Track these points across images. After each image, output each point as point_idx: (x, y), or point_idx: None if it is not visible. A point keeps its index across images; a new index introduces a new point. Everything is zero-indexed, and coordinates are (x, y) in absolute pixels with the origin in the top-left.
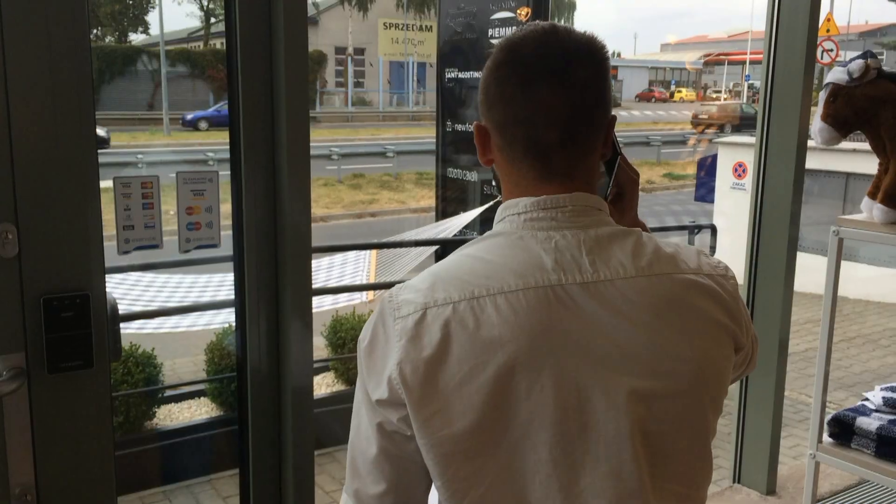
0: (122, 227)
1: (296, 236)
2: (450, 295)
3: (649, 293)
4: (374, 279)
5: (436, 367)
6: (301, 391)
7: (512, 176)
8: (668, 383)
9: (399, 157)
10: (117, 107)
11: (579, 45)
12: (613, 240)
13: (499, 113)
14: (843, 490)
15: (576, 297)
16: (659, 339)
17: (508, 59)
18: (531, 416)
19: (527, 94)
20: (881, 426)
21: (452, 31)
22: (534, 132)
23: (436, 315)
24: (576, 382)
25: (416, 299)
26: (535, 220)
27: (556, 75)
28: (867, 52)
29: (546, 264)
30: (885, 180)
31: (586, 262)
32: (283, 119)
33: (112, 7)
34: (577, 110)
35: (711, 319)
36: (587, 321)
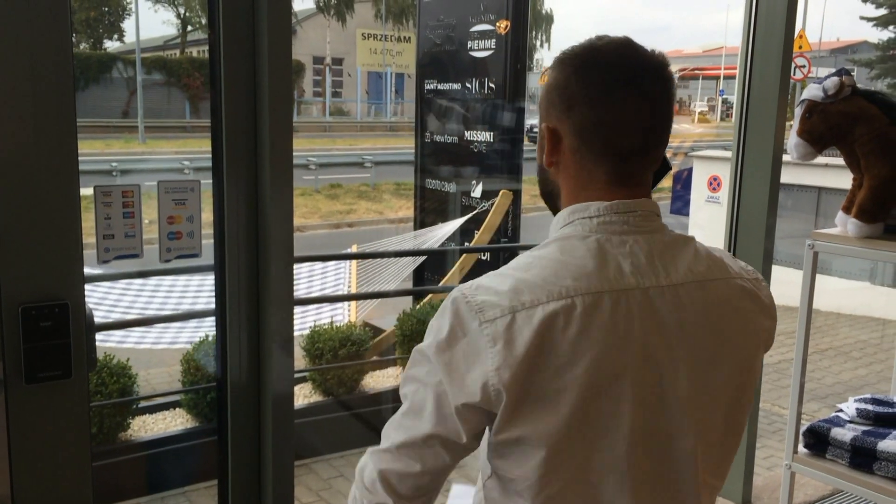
0: (102, 235)
1: (278, 245)
2: (537, 297)
3: (710, 297)
4: (356, 290)
5: (531, 369)
6: (281, 401)
7: (581, 179)
8: (726, 384)
9: (377, 168)
10: (92, 114)
11: (654, 60)
12: (675, 246)
13: (580, 115)
14: (818, 500)
15: (654, 300)
16: (719, 340)
17: (591, 63)
18: (613, 414)
19: (612, 99)
20: (855, 437)
21: (432, 42)
22: (615, 136)
23: (525, 318)
24: (655, 383)
25: (501, 302)
26: (608, 223)
27: (642, 85)
28: (842, 70)
29: (624, 268)
30: (859, 195)
31: (659, 267)
32: (265, 128)
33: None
34: (657, 121)
35: (755, 321)
36: (663, 324)
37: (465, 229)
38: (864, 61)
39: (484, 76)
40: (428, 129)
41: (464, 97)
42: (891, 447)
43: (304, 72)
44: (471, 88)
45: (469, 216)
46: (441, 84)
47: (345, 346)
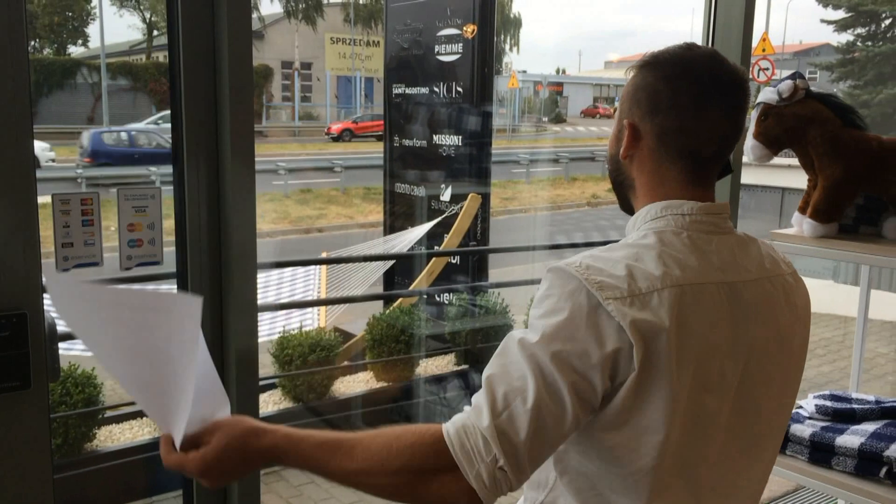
0: (60, 244)
1: (241, 252)
2: (652, 284)
3: (774, 292)
4: (325, 295)
5: (648, 348)
6: (246, 410)
7: (657, 176)
8: (792, 365)
9: (347, 172)
10: (56, 120)
11: (739, 73)
12: (745, 244)
13: (665, 120)
14: (782, 496)
15: (741, 292)
16: (787, 330)
17: (683, 73)
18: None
19: (699, 108)
20: (814, 433)
21: (399, 47)
22: (695, 143)
23: (643, 302)
24: (746, 369)
25: (620, 285)
26: (699, 222)
27: (724, 98)
28: (796, 73)
29: (715, 263)
30: (814, 196)
31: (738, 264)
32: (226, 132)
33: (50, 19)
34: (733, 131)
35: (804, 311)
36: (749, 315)
37: (435, 233)
38: (825, 64)
39: (451, 80)
40: (396, 134)
41: (431, 101)
42: (848, 442)
43: (273, 76)
44: (438, 92)
45: (438, 220)
46: (409, 88)
47: (314, 352)
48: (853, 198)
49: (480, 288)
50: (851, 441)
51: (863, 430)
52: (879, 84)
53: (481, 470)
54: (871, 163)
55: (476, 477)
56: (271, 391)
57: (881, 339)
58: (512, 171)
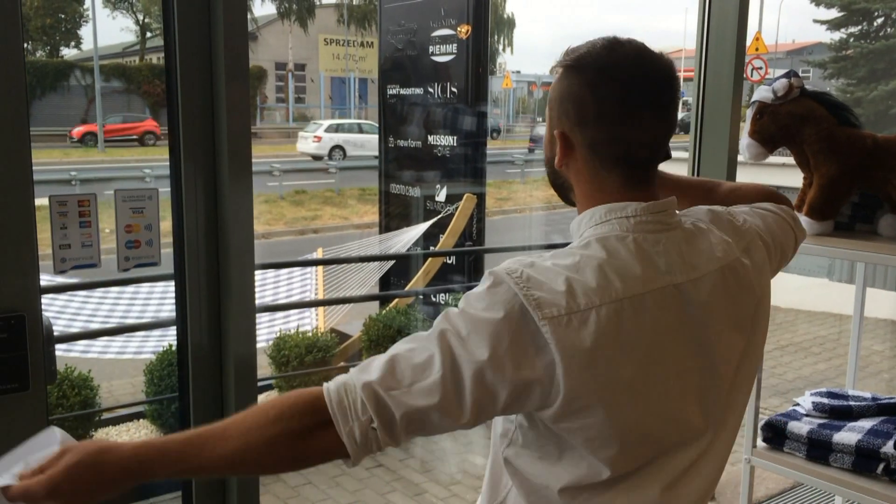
0: (58, 246)
1: (238, 252)
2: (591, 300)
3: (727, 282)
4: (322, 296)
5: (586, 368)
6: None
7: (595, 183)
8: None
9: (341, 173)
10: (49, 123)
11: (666, 70)
12: (693, 238)
13: (595, 131)
14: (779, 493)
15: (686, 294)
16: (747, 316)
17: (609, 77)
18: (664, 400)
19: (627, 116)
20: (811, 430)
21: (393, 47)
22: (628, 149)
23: (581, 320)
24: (698, 370)
25: (558, 301)
26: (644, 223)
27: (652, 100)
28: (791, 72)
29: (660, 266)
30: (810, 194)
31: (686, 262)
32: (223, 133)
33: (43, 21)
34: (666, 132)
35: (760, 289)
36: (695, 315)
37: (430, 233)
38: (818, 62)
39: (446, 80)
40: (391, 135)
41: (426, 102)
42: (845, 439)
43: (267, 78)
44: (433, 93)
45: (434, 220)
46: (403, 89)
47: (311, 353)
48: (849, 195)
49: None
50: (849, 438)
51: (860, 426)
52: (872, 81)
53: (354, 427)
54: (866, 160)
55: (348, 434)
56: (268, 392)
57: (876, 337)
58: (507, 172)
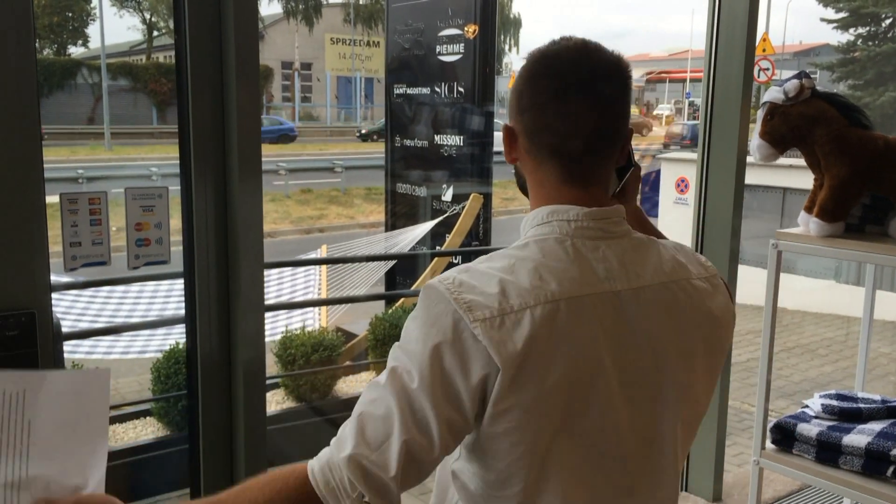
0: (68, 243)
1: (248, 251)
2: (524, 301)
3: (675, 297)
4: (326, 294)
5: (518, 370)
6: (254, 409)
7: (537, 176)
8: (690, 379)
9: (347, 173)
10: (56, 121)
11: (609, 63)
12: (642, 248)
13: (530, 119)
14: (787, 495)
15: (624, 301)
16: (683, 338)
17: (545, 70)
18: (590, 412)
19: (559, 105)
20: (821, 432)
21: (400, 47)
22: (560, 141)
23: (515, 321)
24: (629, 382)
25: (490, 304)
26: (584, 228)
27: (587, 90)
28: (802, 73)
29: (599, 273)
30: (821, 195)
31: (629, 271)
32: (233, 133)
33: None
34: (606, 123)
35: (716, 318)
36: (634, 325)
37: (437, 233)
38: (825, 64)
39: (453, 80)
40: (397, 134)
41: (433, 101)
42: (855, 441)
43: (273, 77)
44: (440, 92)
45: (440, 219)
46: (410, 88)
47: (317, 352)
48: (859, 197)
49: None
50: (858, 440)
51: (870, 429)
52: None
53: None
54: (878, 162)
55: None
56: (274, 391)
57: (884, 339)
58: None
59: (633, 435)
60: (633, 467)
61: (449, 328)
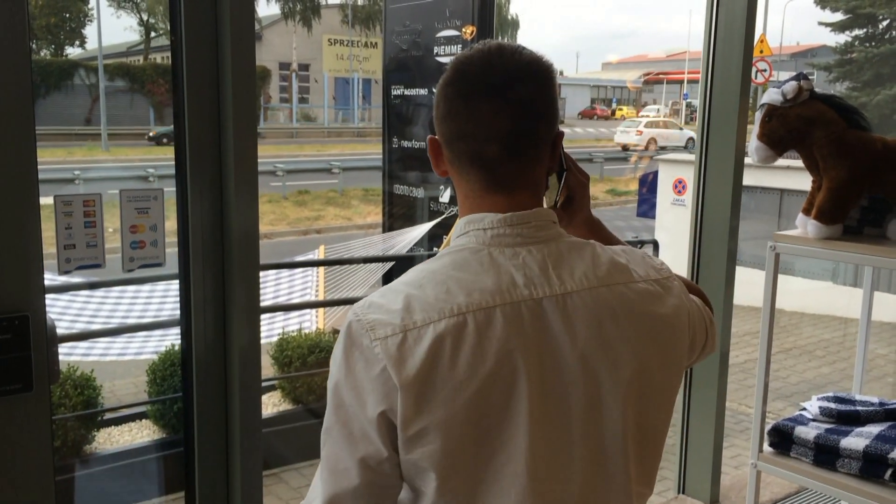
0: (62, 246)
1: (243, 253)
2: (428, 316)
3: (608, 303)
4: (323, 296)
5: (423, 387)
6: (249, 411)
7: (462, 186)
8: (628, 389)
9: (345, 174)
10: (53, 122)
11: (522, 65)
12: (573, 252)
13: (446, 127)
14: (784, 498)
15: (546, 309)
16: (616, 345)
17: (455, 76)
18: (507, 428)
19: (469, 110)
20: (818, 435)
21: (398, 48)
22: (476, 146)
23: (416, 337)
24: (552, 393)
25: (393, 321)
26: (501, 236)
27: (497, 92)
28: (800, 74)
29: (517, 280)
30: (819, 197)
31: (553, 276)
32: (229, 134)
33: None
34: (518, 126)
35: (663, 323)
36: (557, 332)
37: (435, 234)
38: (823, 65)
39: None
40: (395, 135)
41: (430, 102)
42: (853, 444)
43: (271, 78)
44: None
45: (437, 221)
46: (408, 89)
47: (314, 353)
48: (858, 199)
49: None
50: (856, 443)
51: (867, 432)
52: (878, 85)
53: None
54: (876, 164)
55: None
56: (271, 393)
57: (881, 341)
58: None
59: (567, 446)
60: (573, 480)
61: (355, 352)
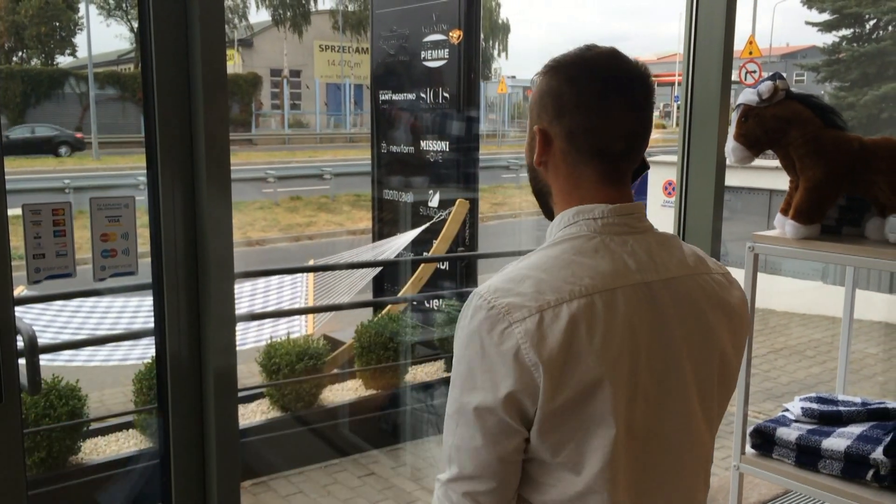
0: (31, 255)
1: (218, 262)
2: (560, 296)
3: (700, 289)
4: (313, 303)
5: (562, 363)
6: (225, 422)
7: (572, 178)
8: (715, 369)
9: (336, 179)
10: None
11: (641, 68)
12: (665, 243)
13: (570, 120)
14: (772, 499)
15: (656, 292)
16: (708, 328)
17: (582, 73)
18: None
19: (602, 106)
20: (800, 436)
21: (385, 53)
22: (603, 141)
23: (553, 317)
24: (660, 366)
25: (527, 303)
26: (611, 225)
27: (628, 91)
28: (775, 74)
29: (630, 265)
30: (796, 197)
31: (657, 263)
32: (201, 141)
33: (38, 29)
34: (641, 126)
35: (734, 311)
36: (666, 314)
37: (423, 239)
38: (811, 65)
39: (438, 86)
40: (383, 140)
41: (418, 107)
42: (834, 445)
43: (262, 84)
44: (425, 98)
45: (426, 226)
46: (396, 94)
47: (302, 360)
48: (835, 199)
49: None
50: (838, 444)
51: (849, 432)
52: (865, 85)
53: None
54: (853, 163)
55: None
56: (259, 401)
57: (870, 340)
58: (501, 176)
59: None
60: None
61: (490, 334)
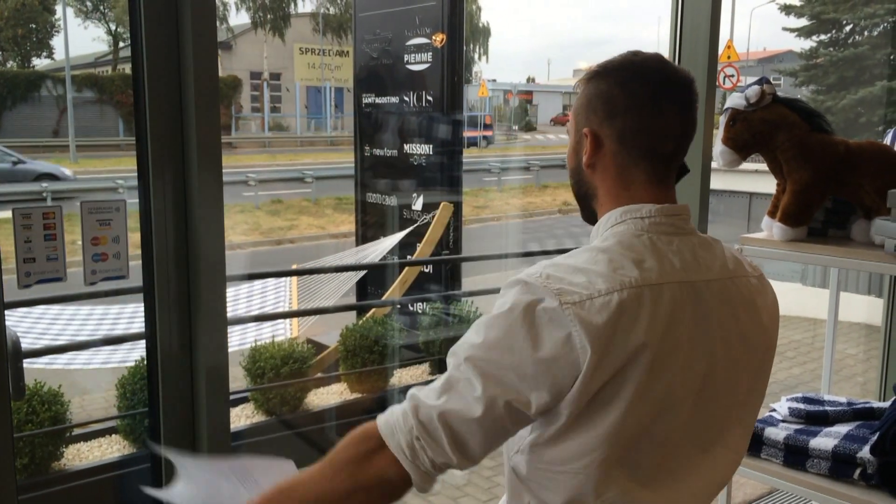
0: (22, 259)
1: (209, 265)
2: (611, 286)
3: (739, 292)
4: (297, 306)
5: (608, 348)
6: (217, 425)
7: (621, 179)
8: (752, 367)
9: (318, 183)
10: (21, 134)
11: (688, 76)
12: (708, 245)
13: (623, 122)
14: (757, 499)
15: (701, 291)
16: (746, 329)
17: (635, 76)
18: (670, 393)
19: (657, 108)
20: (788, 436)
21: (368, 56)
22: (656, 142)
23: (604, 303)
24: (707, 365)
25: (579, 290)
26: (658, 224)
27: (680, 97)
28: (763, 79)
29: (676, 264)
30: (783, 200)
31: (700, 264)
32: (193, 144)
33: (14, 31)
34: (688, 130)
35: (768, 315)
36: (709, 313)
37: (407, 242)
38: (788, 70)
39: (421, 89)
40: (366, 143)
41: (401, 110)
42: (822, 444)
43: (242, 87)
44: (408, 101)
45: (410, 229)
46: (379, 97)
47: (287, 364)
48: (822, 201)
49: (454, 297)
50: (825, 443)
51: (836, 431)
52: (842, 89)
53: (400, 439)
54: (839, 166)
55: (396, 447)
56: (243, 405)
57: (850, 341)
58: (484, 180)
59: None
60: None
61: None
